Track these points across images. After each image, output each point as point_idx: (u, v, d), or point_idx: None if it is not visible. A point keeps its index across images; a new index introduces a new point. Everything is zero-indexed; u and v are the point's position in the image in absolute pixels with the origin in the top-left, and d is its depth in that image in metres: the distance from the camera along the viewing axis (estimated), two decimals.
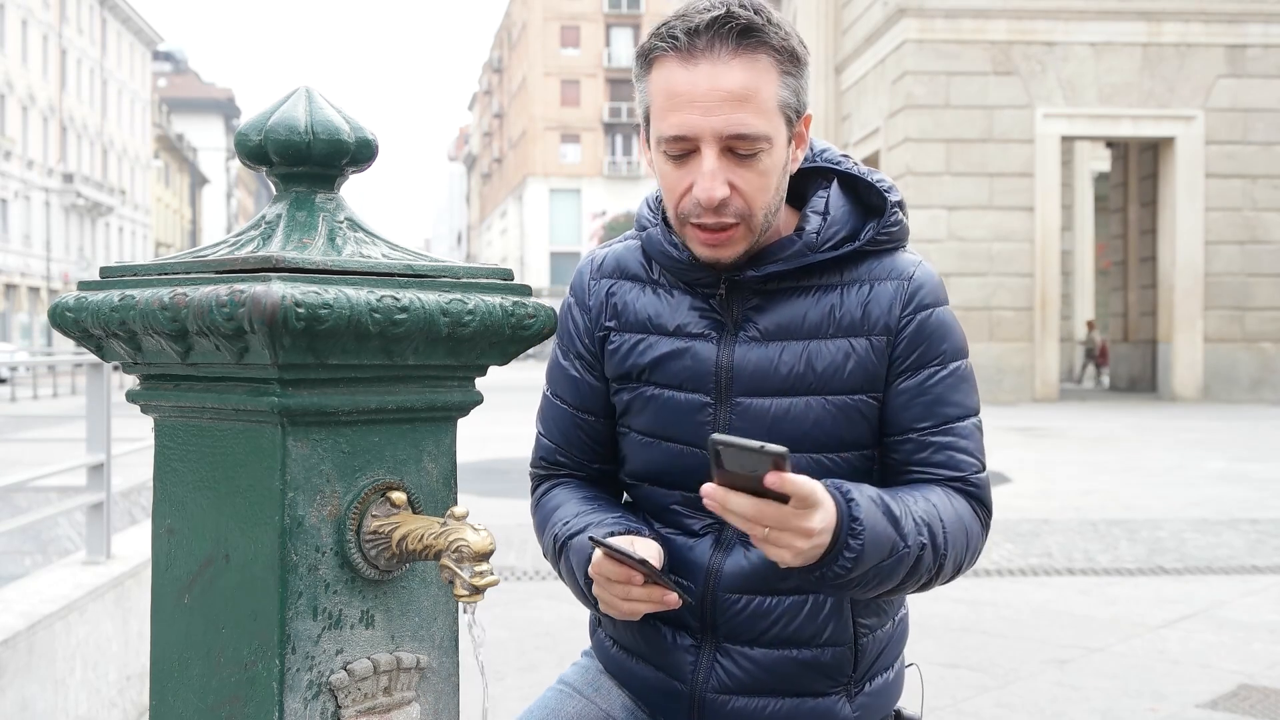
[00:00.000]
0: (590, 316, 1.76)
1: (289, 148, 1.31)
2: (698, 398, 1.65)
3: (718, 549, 1.67)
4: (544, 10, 69.70)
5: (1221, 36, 22.21)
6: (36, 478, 5.32)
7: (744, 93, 1.53)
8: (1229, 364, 22.28)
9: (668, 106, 1.55)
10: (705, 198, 1.54)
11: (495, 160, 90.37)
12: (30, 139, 52.62)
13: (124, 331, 1.26)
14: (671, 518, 1.70)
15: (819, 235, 1.64)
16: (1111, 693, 4.67)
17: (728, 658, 1.67)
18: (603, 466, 1.81)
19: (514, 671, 4.91)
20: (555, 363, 1.82)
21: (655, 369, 1.68)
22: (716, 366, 1.65)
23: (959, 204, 21.94)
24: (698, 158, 1.55)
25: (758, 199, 1.57)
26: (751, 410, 1.63)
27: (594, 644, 1.86)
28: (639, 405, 1.70)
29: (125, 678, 4.97)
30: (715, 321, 1.66)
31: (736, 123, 1.52)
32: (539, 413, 1.85)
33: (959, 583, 6.51)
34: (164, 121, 77.73)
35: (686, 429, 1.66)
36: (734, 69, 1.53)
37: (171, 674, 1.33)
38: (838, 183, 1.70)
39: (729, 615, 1.66)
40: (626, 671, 1.77)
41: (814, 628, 1.65)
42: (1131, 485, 10.61)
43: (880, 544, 1.48)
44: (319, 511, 1.25)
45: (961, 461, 1.64)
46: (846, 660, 1.68)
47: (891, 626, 1.74)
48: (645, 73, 1.60)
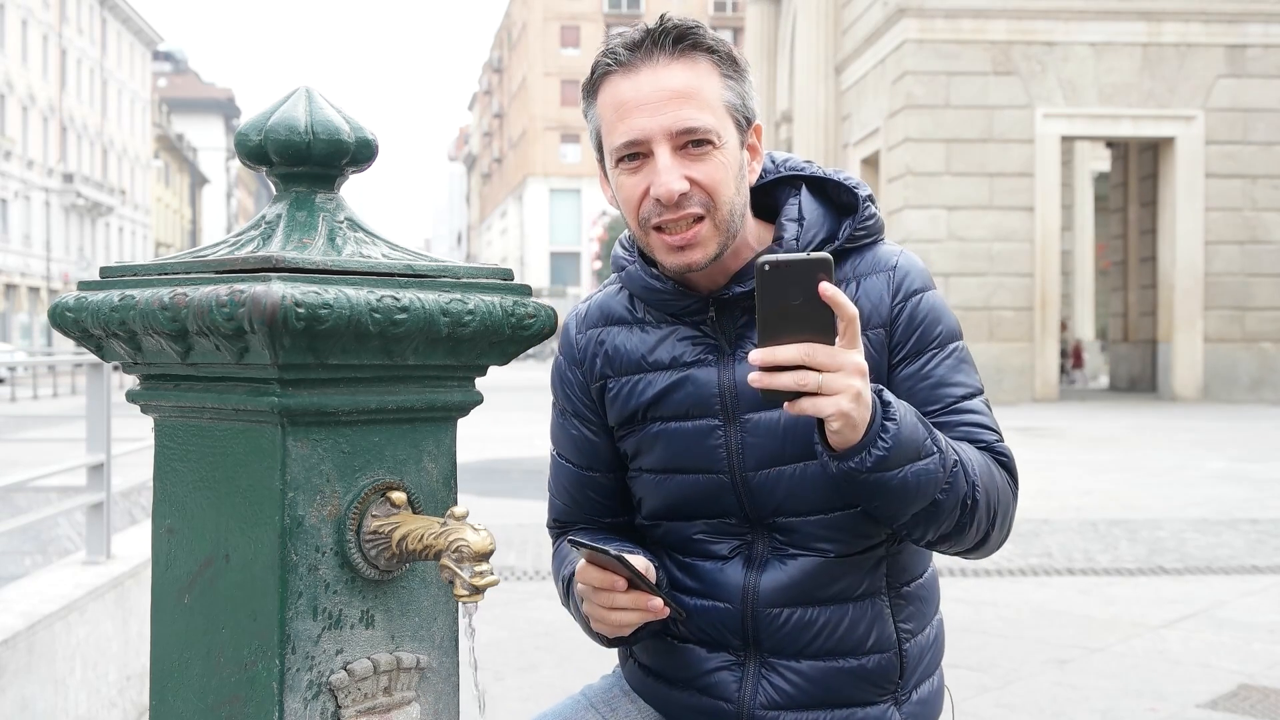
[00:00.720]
0: (584, 370, 1.76)
1: (289, 148, 1.31)
2: (706, 422, 1.65)
3: (750, 567, 1.66)
4: (544, 10, 69.70)
5: (1221, 36, 22.21)
6: (36, 478, 5.32)
7: (687, 89, 1.55)
8: (1229, 364, 22.29)
9: (616, 118, 1.57)
10: (664, 192, 1.54)
11: (495, 160, 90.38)
12: (30, 139, 52.62)
13: (124, 331, 1.26)
14: (697, 547, 1.69)
15: (799, 241, 1.64)
16: (1111, 693, 4.67)
17: (774, 673, 1.65)
18: (615, 520, 1.81)
19: (514, 671, 4.91)
20: (556, 423, 1.82)
21: (658, 404, 1.68)
22: (720, 388, 1.64)
23: (959, 204, 21.94)
24: (651, 161, 1.56)
25: (720, 191, 1.56)
26: (762, 425, 1.63)
27: (626, 673, 1.84)
28: (648, 444, 1.70)
29: (125, 678, 4.97)
30: (711, 345, 1.66)
31: (684, 118, 1.54)
32: (549, 475, 1.86)
33: (959, 582, 6.52)
34: (164, 121, 77.74)
35: (699, 456, 1.66)
36: (674, 70, 1.56)
37: (171, 674, 1.33)
38: (806, 187, 1.70)
39: (772, 630, 1.65)
40: (664, 699, 1.75)
41: (857, 636, 1.64)
42: (1131, 485, 10.61)
43: (914, 437, 1.46)
44: (319, 511, 1.25)
45: (979, 435, 1.63)
46: (893, 667, 1.67)
47: (930, 631, 1.74)
48: (593, 100, 1.63)
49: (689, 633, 1.69)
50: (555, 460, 1.84)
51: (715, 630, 1.67)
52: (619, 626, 1.56)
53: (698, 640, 1.69)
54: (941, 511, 1.52)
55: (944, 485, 1.50)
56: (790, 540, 1.64)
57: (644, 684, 1.78)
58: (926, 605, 1.73)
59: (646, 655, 1.77)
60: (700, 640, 1.69)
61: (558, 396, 1.80)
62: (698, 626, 1.68)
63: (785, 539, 1.64)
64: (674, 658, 1.72)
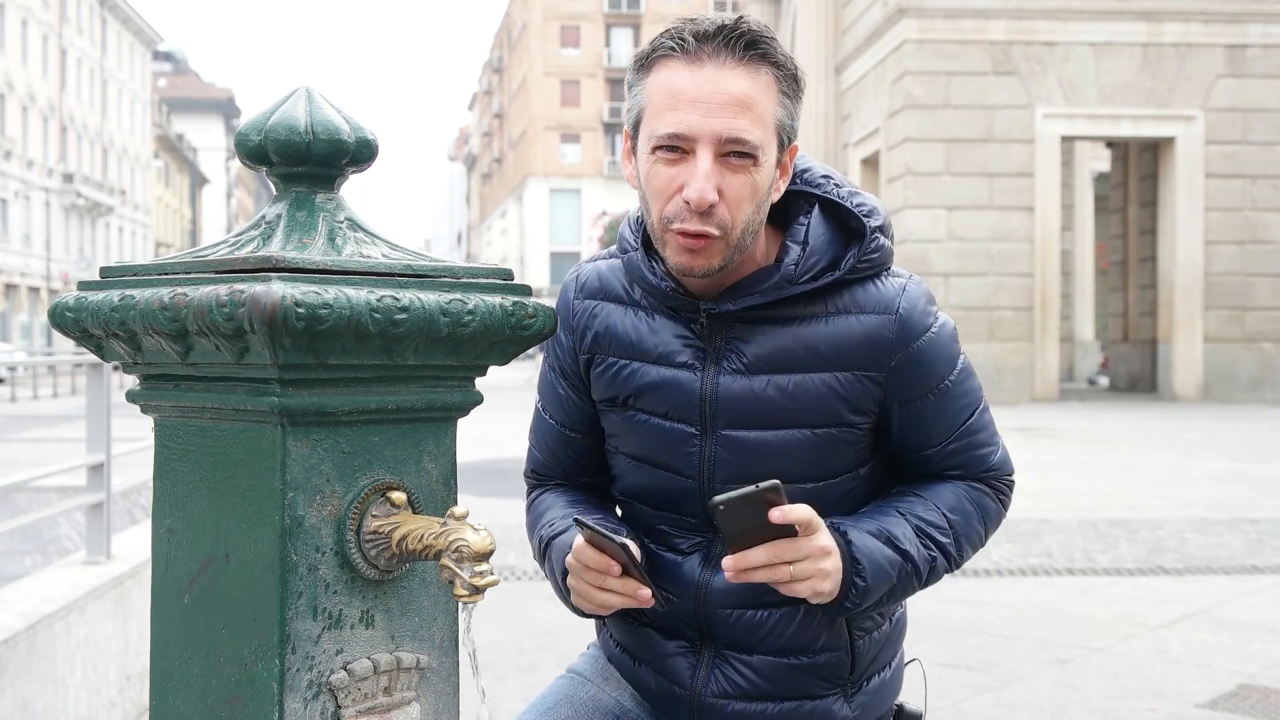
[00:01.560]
0: (574, 338, 1.76)
1: (289, 148, 1.30)
2: (683, 428, 1.66)
3: (705, 566, 1.68)
4: (544, 10, 69.69)
5: (1221, 36, 22.21)
6: (36, 478, 5.32)
7: (746, 100, 1.52)
8: (1229, 364, 22.29)
9: (667, 105, 1.54)
10: (696, 198, 1.51)
11: (495, 160, 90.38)
12: (30, 139, 52.63)
13: (124, 331, 1.26)
14: (660, 536, 1.73)
15: (798, 267, 1.61)
16: (1111, 693, 4.67)
17: (727, 664, 1.69)
18: (592, 480, 1.83)
19: (514, 671, 4.91)
20: (544, 377, 1.83)
21: (641, 396, 1.69)
22: (700, 399, 1.64)
23: (959, 204, 21.95)
24: (690, 160, 1.53)
25: (740, 212, 1.54)
26: (737, 442, 1.63)
27: (600, 642, 1.88)
28: (627, 428, 1.71)
29: (125, 678, 4.97)
30: (698, 350, 1.65)
31: (736, 128, 1.51)
32: (531, 423, 1.87)
33: (959, 582, 6.52)
34: (164, 121, 77.74)
35: (673, 457, 1.67)
36: (738, 76, 1.53)
37: (171, 674, 1.33)
38: (819, 208, 1.66)
39: (725, 627, 1.68)
40: (630, 672, 1.80)
41: (808, 636, 1.67)
42: (1131, 485, 10.61)
43: (885, 573, 1.59)
44: (319, 511, 1.25)
45: (981, 455, 1.70)
46: (843, 664, 1.69)
47: (889, 627, 1.76)
48: (644, 75, 1.59)
49: (650, 618, 1.73)
50: (539, 413, 1.84)
51: (672, 620, 1.71)
52: (602, 606, 1.59)
53: (656, 626, 1.73)
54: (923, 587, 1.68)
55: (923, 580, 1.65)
56: None
57: (615, 656, 1.83)
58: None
59: (617, 631, 1.81)
60: (661, 628, 1.73)
61: (549, 352, 1.80)
62: (656, 613, 1.69)
63: None
64: (637, 638, 1.76)
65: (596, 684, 1.83)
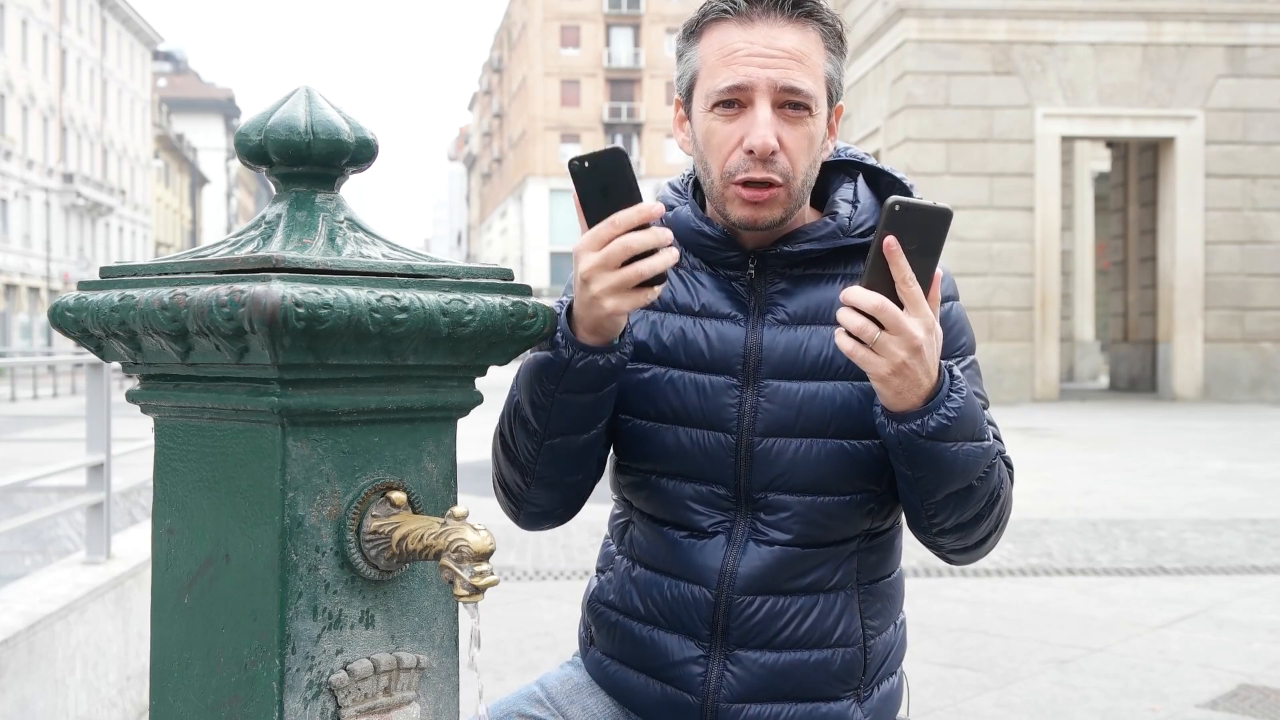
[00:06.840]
0: None
1: (289, 148, 1.30)
2: (724, 379, 1.65)
3: (730, 545, 1.64)
4: (544, 10, 69.69)
5: (1221, 36, 22.20)
6: (36, 478, 5.33)
7: (798, 51, 1.58)
8: (1229, 364, 22.28)
9: (722, 63, 1.59)
10: (760, 144, 1.55)
11: (495, 160, 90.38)
12: (30, 139, 52.63)
13: (124, 331, 1.26)
14: (681, 514, 1.67)
15: (851, 220, 1.67)
16: (1111, 693, 4.67)
17: (739, 665, 1.65)
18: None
19: (514, 671, 4.91)
20: None
21: (678, 349, 1.67)
22: (745, 348, 1.65)
23: (959, 204, 21.91)
24: (749, 112, 1.58)
25: (800, 161, 1.60)
26: (780, 393, 1.63)
27: (587, 662, 1.81)
28: (654, 389, 1.66)
29: (125, 678, 4.97)
30: (741, 302, 1.67)
31: (792, 76, 1.57)
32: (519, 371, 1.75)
33: (959, 582, 6.52)
34: (164, 121, 77.75)
35: (709, 411, 1.64)
36: (789, 32, 1.59)
37: (171, 674, 1.33)
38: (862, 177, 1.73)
39: (742, 619, 1.64)
40: (626, 688, 1.73)
41: (825, 628, 1.65)
42: (1131, 485, 10.61)
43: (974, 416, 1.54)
44: (319, 511, 1.25)
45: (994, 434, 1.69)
46: (857, 662, 1.68)
47: (894, 631, 1.75)
48: (694, 41, 1.64)
49: (659, 615, 1.68)
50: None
51: (686, 616, 1.66)
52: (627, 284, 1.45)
53: (667, 626, 1.68)
54: (972, 497, 1.58)
55: (984, 471, 1.57)
56: (772, 523, 1.63)
57: (606, 673, 1.76)
58: (892, 604, 1.74)
59: (611, 644, 1.75)
60: (669, 627, 1.67)
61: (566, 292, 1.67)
62: (669, 611, 1.67)
63: (768, 520, 1.64)
64: (640, 648, 1.70)
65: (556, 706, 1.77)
